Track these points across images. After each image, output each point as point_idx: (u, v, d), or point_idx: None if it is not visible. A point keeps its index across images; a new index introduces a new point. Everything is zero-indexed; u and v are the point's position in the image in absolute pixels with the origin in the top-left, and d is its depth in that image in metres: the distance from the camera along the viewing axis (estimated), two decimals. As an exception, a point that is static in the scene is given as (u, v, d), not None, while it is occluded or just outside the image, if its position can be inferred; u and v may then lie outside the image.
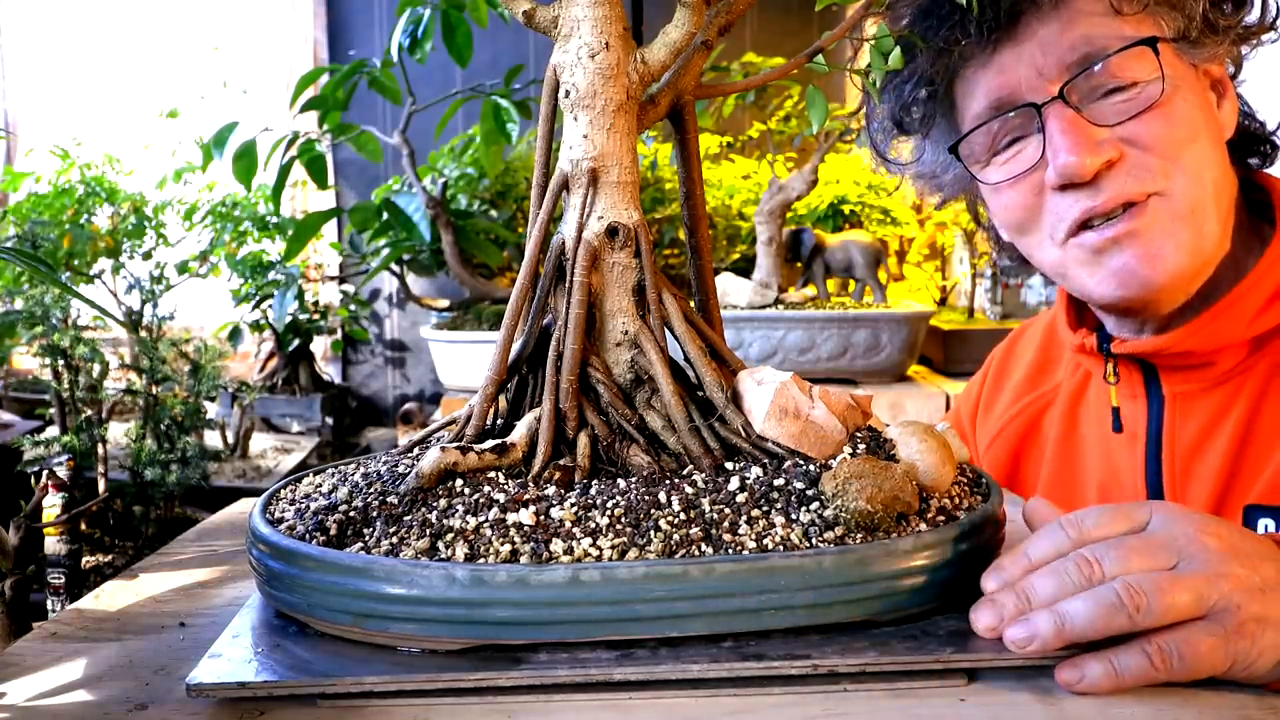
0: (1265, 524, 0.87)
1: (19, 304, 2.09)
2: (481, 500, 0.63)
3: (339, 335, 3.38)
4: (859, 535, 0.61)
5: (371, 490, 0.67)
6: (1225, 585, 0.57)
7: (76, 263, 2.38)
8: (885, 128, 1.04)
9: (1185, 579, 0.57)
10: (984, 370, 1.25)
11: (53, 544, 1.52)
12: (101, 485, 2.05)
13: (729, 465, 0.67)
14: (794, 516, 0.62)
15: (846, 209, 2.66)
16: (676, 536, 0.60)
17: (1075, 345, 1.02)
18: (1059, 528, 0.63)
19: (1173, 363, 0.94)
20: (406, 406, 2.95)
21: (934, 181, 1.08)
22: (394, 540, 0.61)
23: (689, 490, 0.64)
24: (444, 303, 2.77)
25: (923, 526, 0.63)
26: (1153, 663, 0.56)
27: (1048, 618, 0.57)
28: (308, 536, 0.63)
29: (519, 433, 0.69)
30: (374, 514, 0.64)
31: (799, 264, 2.36)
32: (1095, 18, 0.88)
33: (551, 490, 0.64)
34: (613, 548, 0.59)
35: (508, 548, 0.59)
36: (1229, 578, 0.57)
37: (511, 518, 0.61)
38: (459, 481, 0.66)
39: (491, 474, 0.67)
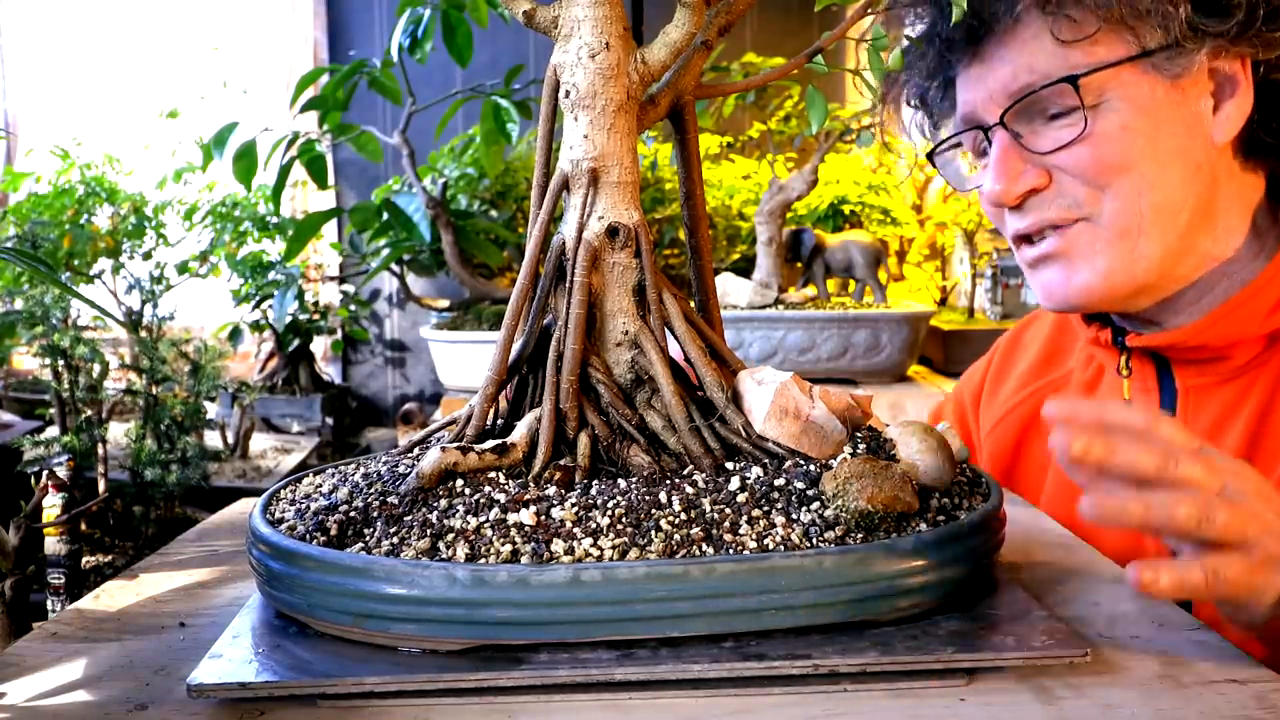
0: None
1: (19, 304, 2.09)
2: (482, 500, 0.63)
3: (339, 335, 3.38)
4: (859, 535, 0.61)
5: (372, 490, 0.67)
6: (1259, 524, 0.63)
7: (76, 263, 2.38)
8: (915, 106, 1.09)
9: (1240, 506, 0.63)
10: (989, 356, 1.26)
11: (53, 544, 1.52)
12: (101, 485, 2.05)
13: (729, 465, 0.67)
14: (794, 516, 0.62)
15: (846, 209, 2.66)
16: (677, 536, 0.60)
17: (1090, 338, 1.02)
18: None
19: (1186, 356, 0.94)
20: (406, 406, 2.95)
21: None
22: (394, 540, 0.61)
23: (689, 490, 0.64)
24: (444, 303, 2.76)
25: (923, 526, 0.63)
26: (1205, 580, 0.62)
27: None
28: (308, 537, 0.63)
29: (519, 433, 0.69)
30: (374, 514, 0.64)
31: (799, 264, 2.36)
32: (1046, 43, 0.88)
33: (552, 490, 0.64)
34: (613, 548, 0.59)
35: (508, 548, 0.59)
36: (1259, 518, 0.64)
37: (512, 518, 0.61)
38: (459, 482, 0.66)
39: (492, 474, 0.67)
